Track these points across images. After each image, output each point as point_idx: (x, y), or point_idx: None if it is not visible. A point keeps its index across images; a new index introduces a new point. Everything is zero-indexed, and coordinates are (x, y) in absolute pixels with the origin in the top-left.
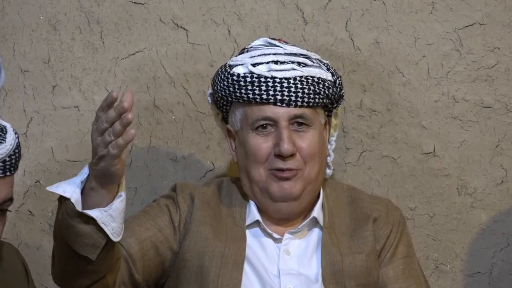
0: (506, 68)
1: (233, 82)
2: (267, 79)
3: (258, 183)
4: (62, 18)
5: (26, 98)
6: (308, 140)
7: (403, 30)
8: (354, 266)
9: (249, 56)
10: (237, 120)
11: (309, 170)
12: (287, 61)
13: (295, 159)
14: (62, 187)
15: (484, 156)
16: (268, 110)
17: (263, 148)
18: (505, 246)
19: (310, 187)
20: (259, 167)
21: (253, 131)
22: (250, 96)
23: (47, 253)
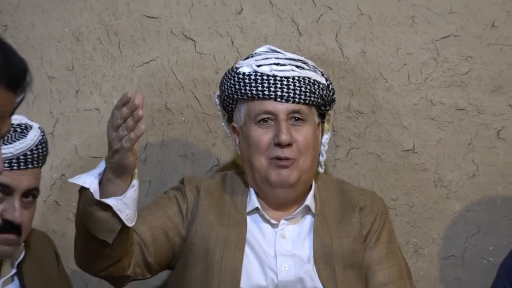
0: (478, 75)
1: (239, 80)
2: (269, 77)
3: (259, 171)
4: (84, 30)
5: (53, 101)
6: (303, 134)
7: (386, 41)
8: (342, 249)
9: (253, 60)
10: (241, 116)
11: (303, 160)
12: (287, 64)
13: (292, 149)
14: (82, 178)
15: (457, 153)
16: (269, 105)
17: (264, 138)
18: (476, 233)
19: (304, 177)
20: (260, 156)
21: (255, 124)
22: (254, 92)
23: (71, 239)
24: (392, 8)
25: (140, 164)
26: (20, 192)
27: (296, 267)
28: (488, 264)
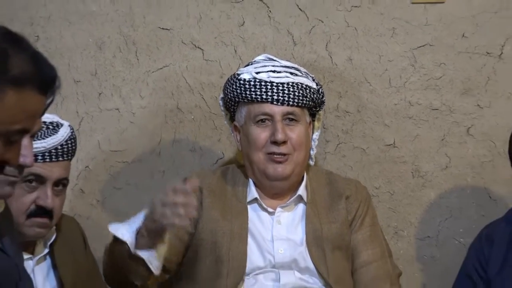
0: (450, 79)
1: (240, 85)
2: (267, 83)
3: (257, 165)
4: (106, 40)
5: (78, 102)
6: (296, 132)
7: (370, 49)
8: (331, 233)
9: (253, 67)
10: (242, 117)
11: (297, 155)
12: (282, 71)
13: (286, 146)
14: (121, 231)
15: (432, 147)
16: (267, 107)
17: (262, 137)
18: (449, 217)
19: (297, 170)
20: (258, 152)
21: (254, 124)
22: (253, 96)
23: (94, 222)
24: (375, 21)
25: (155, 156)
26: (52, 181)
27: (290, 250)
28: (459, 245)
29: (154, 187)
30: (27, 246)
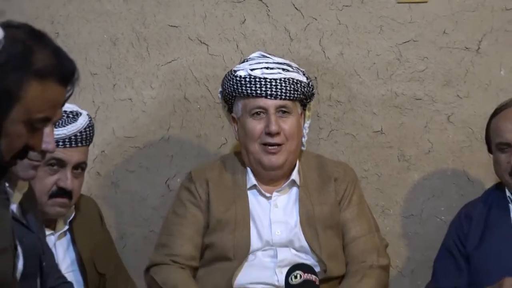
0: (432, 72)
1: (236, 82)
2: (261, 80)
3: (253, 155)
4: (120, 36)
5: (95, 93)
6: (289, 123)
7: (359, 45)
8: (322, 213)
9: (248, 64)
10: (239, 109)
11: (289, 145)
12: (275, 68)
13: (280, 136)
14: None
15: (416, 134)
16: (261, 101)
17: (257, 128)
18: (431, 197)
19: (290, 158)
20: (254, 142)
21: (250, 116)
22: (248, 92)
23: (110, 202)
24: (364, 19)
25: (164, 142)
26: (72, 165)
27: (286, 231)
28: (440, 222)
29: (164, 169)
30: (49, 223)
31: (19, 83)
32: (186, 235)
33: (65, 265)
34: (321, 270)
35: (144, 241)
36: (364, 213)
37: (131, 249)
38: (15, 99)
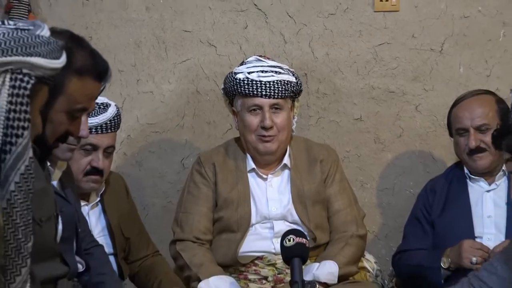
0: (403, 69)
1: (236, 83)
2: (257, 82)
3: (251, 143)
4: (143, 40)
5: (121, 87)
6: (280, 118)
7: (342, 47)
8: (310, 191)
9: (246, 67)
10: (238, 105)
11: (281, 135)
12: (269, 71)
13: (273, 129)
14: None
15: (389, 120)
16: (257, 100)
17: (254, 122)
18: (402, 173)
19: (281, 146)
20: (251, 134)
21: (248, 112)
22: (246, 92)
23: (134, 178)
24: (346, 25)
25: (179, 128)
26: (103, 148)
27: (281, 208)
28: (409, 194)
29: (179, 150)
30: (83, 196)
31: (62, 79)
32: (202, 212)
33: (97, 230)
34: (311, 239)
35: (163, 210)
36: (345, 189)
37: (152, 217)
38: (59, 93)
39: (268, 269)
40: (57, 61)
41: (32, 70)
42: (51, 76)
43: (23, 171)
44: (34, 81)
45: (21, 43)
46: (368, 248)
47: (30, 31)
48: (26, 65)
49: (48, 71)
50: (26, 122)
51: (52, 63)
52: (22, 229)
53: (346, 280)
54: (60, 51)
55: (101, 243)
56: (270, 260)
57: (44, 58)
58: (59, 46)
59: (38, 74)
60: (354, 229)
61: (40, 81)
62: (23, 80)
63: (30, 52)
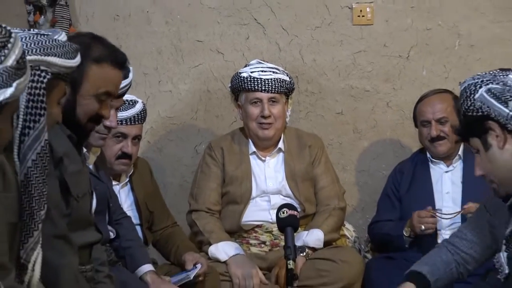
0: (377, 72)
1: (241, 81)
2: (258, 79)
3: (252, 130)
4: (163, 48)
5: (146, 87)
6: (276, 109)
7: (326, 54)
8: (301, 170)
9: (249, 68)
10: (242, 99)
11: (277, 124)
12: (268, 71)
13: (270, 118)
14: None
15: (365, 114)
16: (258, 94)
17: (255, 112)
18: (376, 157)
19: (277, 133)
20: (252, 122)
21: (250, 104)
22: (249, 87)
23: (156, 162)
24: (330, 36)
25: (193, 120)
26: (131, 137)
27: (276, 184)
28: (382, 175)
29: (193, 139)
30: (115, 176)
31: (83, 68)
32: (212, 187)
33: (126, 205)
34: (301, 210)
35: (180, 188)
36: (329, 169)
37: (171, 194)
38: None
39: (266, 236)
40: (72, 60)
41: (49, 67)
42: (66, 73)
43: (39, 151)
44: (50, 77)
45: (39, 45)
46: (347, 219)
47: (49, 36)
48: (43, 63)
49: (63, 69)
50: (42, 110)
51: (66, 62)
52: (36, 199)
53: (330, 245)
54: (75, 52)
55: (129, 215)
56: (268, 228)
57: (59, 57)
58: (74, 48)
59: (54, 71)
60: (336, 203)
61: (56, 77)
62: (40, 75)
63: (47, 53)
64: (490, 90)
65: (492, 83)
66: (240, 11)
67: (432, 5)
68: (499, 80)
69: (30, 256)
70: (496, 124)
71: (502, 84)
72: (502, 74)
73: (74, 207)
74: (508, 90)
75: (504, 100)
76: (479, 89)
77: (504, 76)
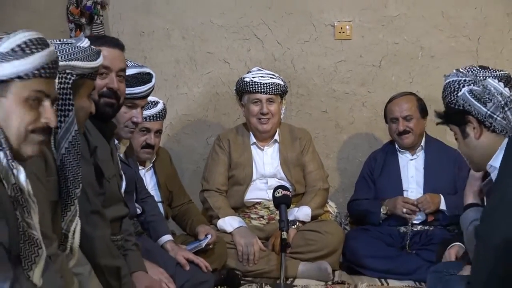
0: (354, 78)
1: (244, 84)
2: (258, 83)
3: (253, 125)
4: (180, 58)
5: (166, 90)
6: (273, 107)
7: (313, 63)
8: (292, 158)
9: (251, 74)
10: (245, 100)
11: (273, 119)
12: (266, 76)
13: (268, 115)
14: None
15: (345, 113)
16: (258, 96)
17: (255, 110)
18: (354, 148)
19: (274, 127)
20: (253, 118)
21: (252, 104)
22: (251, 90)
23: (175, 151)
24: (316, 48)
25: (205, 117)
26: (154, 130)
27: (272, 168)
28: (359, 162)
29: (205, 132)
30: (141, 163)
31: None
32: (220, 171)
33: (150, 186)
34: (292, 190)
35: (194, 172)
36: (315, 157)
37: (187, 177)
38: None
39: (264, 211)
40: (93, 62)
41: (73, 70)
42: (90, 72)
43: (70, 140)
44: (76, 78)
45: (63, 52)
46: (330, 197)
47: (72, 44)
48: (68, 67)
49: (87, 70)
50: (70, 106)
51: (88, 64)
52: (71, 180)
53: (316, 219)
54: (96, 55)
55: (152, 195)
56: (265, 205)
57: (81, 61)
58: (95, 51)
59: (78, 72)
60: (321, 184)
61: (82, 77)
62: (66, 78)
63: (70, 58)
64: (472, 91)
65: (473, 85)
66: (243, 28)
67: (399, 24)
68: (480, 83)
69: (69, 226)
70: (475, 119)
71: (482, 87)
72: (482, 76)
73: (106, 187)
74: (487, 93)
75: (483, 101)
76: (462, 88)
77: (483, 79)
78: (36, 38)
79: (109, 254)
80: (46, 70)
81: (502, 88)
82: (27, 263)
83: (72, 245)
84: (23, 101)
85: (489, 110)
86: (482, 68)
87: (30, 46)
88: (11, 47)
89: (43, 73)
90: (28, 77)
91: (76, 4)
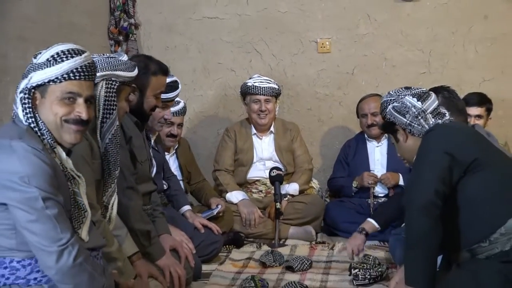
0: (333, 83)
1: (247, 88)
2: (258, 87)
3: (253, 119)
4: (196, 68)
5: (184, 92)
6: (270, 106)
7: (302, 71)
8: (284, 145)
9: (252, 80)
10: (248, 100)
11: (270, 115)
12: (264, 82)
13: (266, 111)
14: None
15: (326, 110)
16: (258, 97)
17: (256, 108)
18: (332, 137)
19: (270, 121)
20: (254, 114)
21: (253, 103)
22: (252, 92)
23: (193, 140)
24: (303, 60)
25: (216, 113)
26: (177, 124)
27: (269, 153)
28: (336, 148)
29: (216, 125)
30: (167, 149)
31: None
32: (228, 155)
33: (173, 168)
34: (284, 170)
35: (207, 157)
36: (302, 144)
37: (202, 160)
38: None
39: (262, 187)
40: (131, 73)
41: (117, 78)
42: (129, 81)
43: (113, 132)
44: (118, 84)
45: (109, 64)
46: (314, 176)
47: (116, 57)
48: (113, 75)
49: (126, 78)
50: (114, 106)
51: (127, 74)
52: (112, 163)
53: (303, 193)
54: (133, 67)
55: (175, 174)
56: (263, 182)
57: (123, 71)
58: (132, 64)
59: (120, 80)
60: (306, 166)
61: (122, 84)
62: (111, 83)
63: (115, 68)
64: (394, 107)
65: (395, 102)
66: (246, 44)
67: (368, 40)
68: (400, 100)
69: (109, 200)
70: (400, 128)
71: (401, 103)
72: (403, 95)
73: (139, 169)
74: (404, 107)
75: (403, 114)
76: (388, 106)
77: (403, 97)
78: (67, 49)
79: (141, 220)
80: (75, 74)
81: (416, 102)
82: (76, 223)
83: (111, 214)
84: (59, 100)
85: (408, 120)
86: (405, 89)
87: (61, 56)
88: (46, 58)
89: (72, 76)
90: (59, 80)
91: (115, 25)
